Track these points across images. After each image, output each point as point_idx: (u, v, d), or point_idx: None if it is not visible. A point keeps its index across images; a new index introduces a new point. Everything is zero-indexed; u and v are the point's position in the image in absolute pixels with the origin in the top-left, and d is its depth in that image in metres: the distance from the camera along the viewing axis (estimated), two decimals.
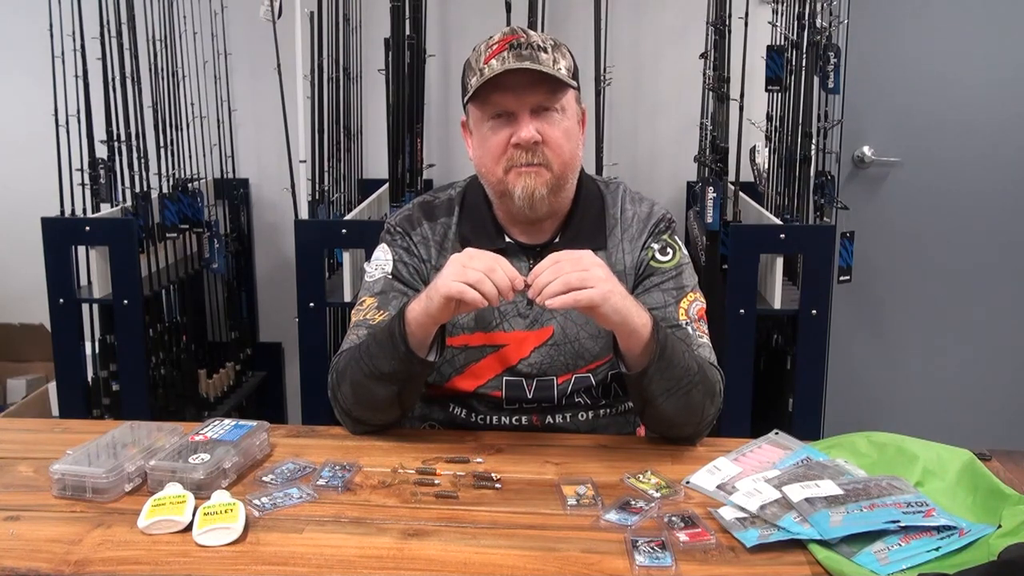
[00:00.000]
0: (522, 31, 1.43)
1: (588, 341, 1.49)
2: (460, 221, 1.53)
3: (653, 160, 3.01)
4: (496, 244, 1.49)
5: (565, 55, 1.44)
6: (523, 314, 1.49)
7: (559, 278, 1.26)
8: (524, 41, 1.40)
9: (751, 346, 2.28)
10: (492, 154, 1.43)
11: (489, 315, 1.49)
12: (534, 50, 1.39)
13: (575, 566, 1.07)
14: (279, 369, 3.24)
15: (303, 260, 2.34)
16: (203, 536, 1.12)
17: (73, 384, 2.46)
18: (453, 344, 1.49)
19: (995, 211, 3.07)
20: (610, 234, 1.53)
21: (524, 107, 1.40)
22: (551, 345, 1.49)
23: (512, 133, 1.40)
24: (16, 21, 2.89)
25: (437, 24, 2.95)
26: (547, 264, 1.29)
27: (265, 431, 1.38)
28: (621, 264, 1.51)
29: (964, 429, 2.80)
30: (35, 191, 2.50)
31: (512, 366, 1.49)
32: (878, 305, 3.17)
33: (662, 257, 1.53)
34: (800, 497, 1.16)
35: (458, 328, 1.49)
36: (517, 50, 1.39)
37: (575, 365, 1.49)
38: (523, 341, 1.49)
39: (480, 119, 1.44)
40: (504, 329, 1.49)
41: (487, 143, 1.43)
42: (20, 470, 1.32)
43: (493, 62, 1.39)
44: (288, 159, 2.48)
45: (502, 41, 1.41)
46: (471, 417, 1.52)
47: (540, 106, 1.40)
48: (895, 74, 3.03)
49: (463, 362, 1.50)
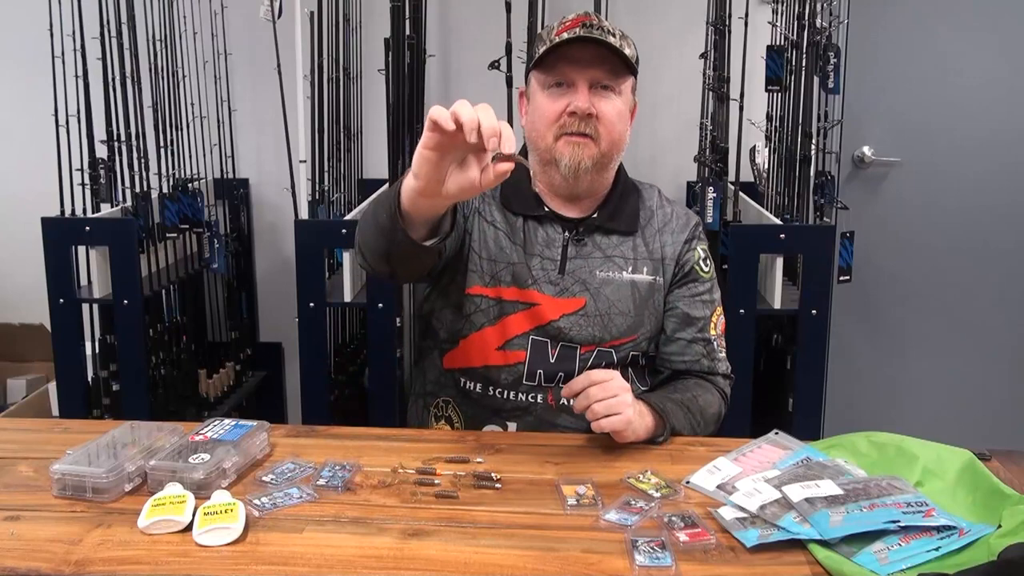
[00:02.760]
0: (596, 16, 1.52)
1: (618, 317, 1.55)
2: (502, 184, 1.51)
3: (653, 160, 3.00)
4: (535, 211, 1.56)
5: (631, 45, 1.53)
6: (554, 281, 1.55)
7: (589, 404, 1.35)
8: (596, 23, 1.49)
9: (751, 346, 2.28)
10: (546, 119, 1.50)
11: (525, 273, 1.54)
12: (604, 32, 1.48)
13: (575, 566, 1.07)
14: (279, 369, 3.24)
15: (303, 260, 2.34)
16: (203, 536, 1.12)
17: (73, 384, 2.46)
18: (488, 294, 1.55)
19: (995, 211, 3.07)
20: (646, 225, 1.60)
21: (585, 79, 1.47)
22: (581, 315, 1.54)
23: (569, 103, 1.47)
24: (16, 21, 2.89)
25: (437, 24, 2.95)
26: (581, 384, 1.37)
27: (265, 431, 1.38)
28: (659, 253, 1.59)
29: (964, 429, 2.80)
30: (35, 191, 2.50)
31: (541, 325, 1.54)
32: (878, 305, 3.17)
33: (705, 267, 1.63)
34: (800, 497, 1.16)
35: (495, 280, 1.54)
36: (588, 29, 1.47)
37: (601, 339, 1.55)
38: (554, 305, 1.54)
39: (540, 86, 1.51)
40: (539, 290, 1.54)
41: (543, 108, 1.50)
42: (20, 470, 1.32)
43: (565, 35, 1.47)
44: (288, 159, 2.48)
45: (576, 19, 1.50)
46: (488, 391, 1.55)
47: (599, 83, 1.48)
48: (895, 74, 3.03)
49: (496, 313, 1.55)
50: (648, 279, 1.58)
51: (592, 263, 1.56)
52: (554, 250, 1.56)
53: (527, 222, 1.57)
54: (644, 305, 1.57)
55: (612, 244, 1.58)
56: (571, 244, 1.56)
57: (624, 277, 1.56)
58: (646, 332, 1.59)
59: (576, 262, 1.56)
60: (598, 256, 1.57)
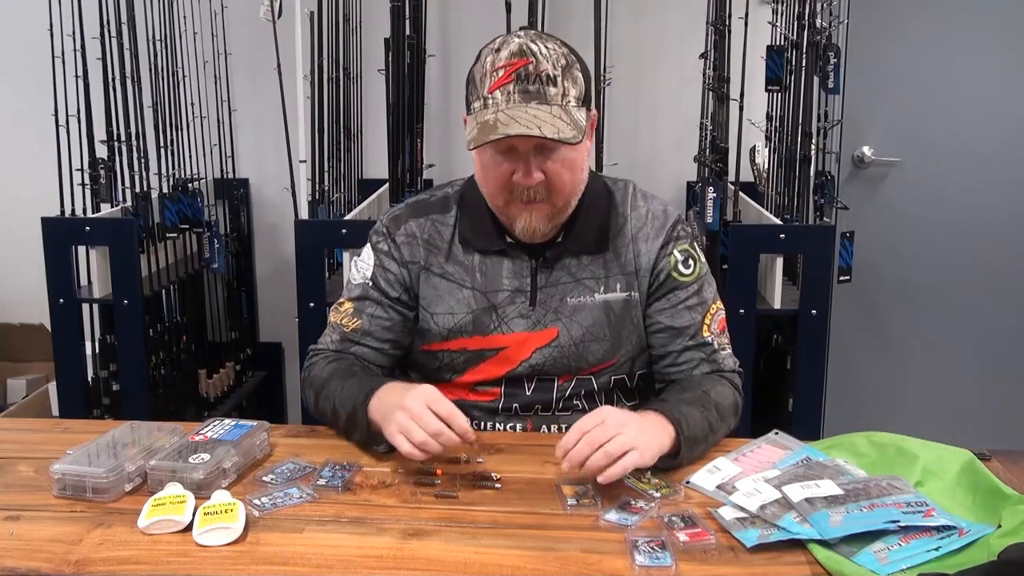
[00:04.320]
0: (531, 52, 1.34)
1: (593, 344, 1.48)
2: (460, 220, 1.52)
3: (653, 160, 3.00)
4: (497, 245, 1.49)
5: (576, 80, 1.37)
6: (524, 315, 1.48)
7: (598, 451, 1.21)
8: (532, 70, 1.33)
9: (751, 346, 2.28)
10: (494, 184, 1.41)
11: (488, 319, 1.48)
12: (542, 83, 1.33)
13: (575, 566, 1.07)
14: (279, 369, 3.24)
15: (303, 260, 2.34)
16: (203, 536, 1.12)
17: (73, 384, 2.46)
18: (451, 348, 1.50)
19: (995, 210, 3.07)
20: (619, 233, 1.50)
21: (528, 145, 1.35)
22: (555, 347, 1.48)
23: (514, 170, 1.37)
24: (16, 21, 2.89)
25: (437, 24, 2.95)
26: (574, 437, 1.23)
27: (265, 431, 1.38)
28: (632, 265, 1.49)
29: (964, 429, 2.80)
30: (35, 191, 2.50)
31: (512, 369, 1.49)
32: (878, 305, 3.17)
33: (685, 270, 1.50)
34: (800, 497, 1.16)
35: (455, 332, 1.49)
36: (524, 84, 1.33)
37: (578, 367, 1.49)
38: (525, 342, 1.48)
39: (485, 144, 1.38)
40: (503, 332, 1.49)
41: (488, 170, 1.41)
42: (20, 470, 1.32)
43: (498, 94, 1.34)
44: (288, 159, 2.48)
45: (508, 67, 1.34)
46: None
47: (544, 145, 1.36)
48: (895, 74, 3.03)
49: (463, 365, 1.50)
50: (622, 296, 1.49)
51: (562, 289, 1.48)
52: (523, 281, 1.48)
53: (487, 258, 1.50)
54: (621, 325, 1.49)
55: (581, 265, 1.49)
56: (540, 272, 1.48)
57: (596, 299, 1.48)
58: (627, 352, 1.50)
59: (546, 291, 1.48)
60: (567, 280, 1.48)
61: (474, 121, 1.37)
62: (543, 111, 1.33)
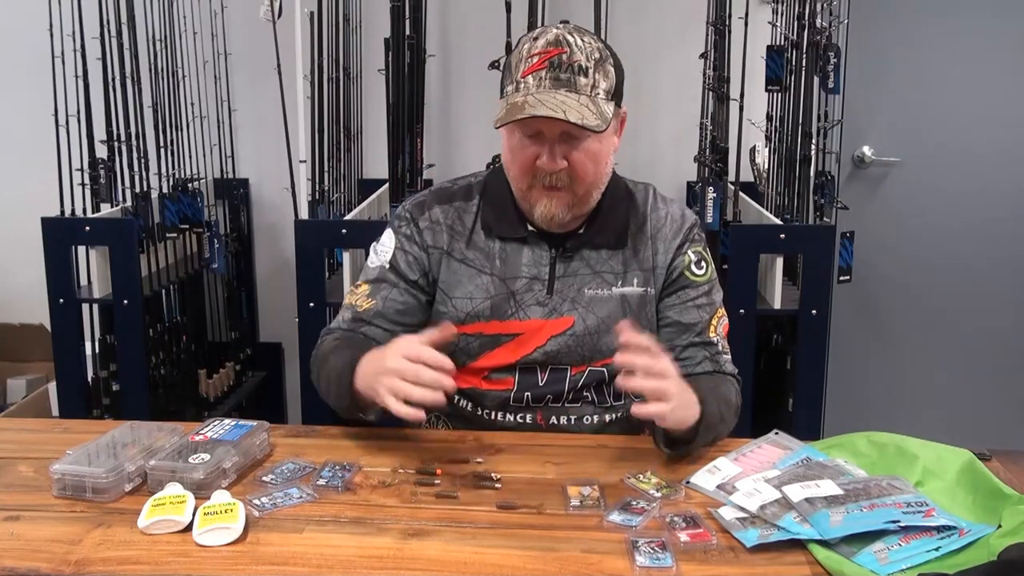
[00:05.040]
0: (567, 43, 1.38)
1: (608, 335, 1.50)
2: (483, 207, 1.54)
3: (653, 160, 3.00)
4: (518, 232, 1.52)
5: (608, 74, 1.41)
6: (541, 302, 1.50)
7: (645, 375, 1.26)
8: (566, 60, 1.37)
9: (751, 346, 2.28)
10: (519, 166, 1.44)
11: (505, 304, 1.50)
12: (573, 73, 1.37)
13: (575, 566, 1.07)
14: (279, 369, 3.24)
15: (303, 260, 2.34)
16: (203, 536, 1.12)
17: (73, 384, 2.46)
18: (468, 332, 1.51)
19: (995, 210, 3.07)
20: (638, 231, 1.54)
21: (555, 130, 1.39)
22: (570, 335, 1.50)
23: (539, 154, 1.40)
24: (16, 21, 2.89)
25: (437, 24, 2.95)
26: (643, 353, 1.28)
27: (265, 431, 1.38)
28: (650, 263, 1.53)
29: (964, 429, 2.79)
30: (35, 191, 2.50)
31: (527, 355, 1.50)
32: (878, 305, 3.17)
33: (697, 271, 1.54)
34: (800, 497, 1.16)
35: (472, 316, 1.51)
36: (556, 72, 1.37)
37: (592, 357, 1.51)
38: (540, 329, 1.50)
39: (513, 126, 1.42)
40: (520, 318, 1.50)
41: (514, 153, 1.44)
42: (20, 470, 1.32)
43: (530, 79, 1.38)
44: (288, 159, 2.48)
45: (543, 55, 1.38)
46: (477, 411, 1.53)
47: (570, 133, 1.39)
48: (895, 74, 3.03)
49: (478, 350, 1.52)
50: (639, 291, 1.52)
51: (580, 280, 1.51)
52: (541, 269, 1.51)
53: (507, 244, 1.52)
54: (636, 319, 1.50)
55: (601, 259, 1.52)
56: (559, 262, 1.51)
57: (614, 292, 1.51)
58: None
59: (564, 280, 1.51)
60: (586, 272, 1.51)
61: (504, 103, 1.41)
62: (571, 98, 1.36)
